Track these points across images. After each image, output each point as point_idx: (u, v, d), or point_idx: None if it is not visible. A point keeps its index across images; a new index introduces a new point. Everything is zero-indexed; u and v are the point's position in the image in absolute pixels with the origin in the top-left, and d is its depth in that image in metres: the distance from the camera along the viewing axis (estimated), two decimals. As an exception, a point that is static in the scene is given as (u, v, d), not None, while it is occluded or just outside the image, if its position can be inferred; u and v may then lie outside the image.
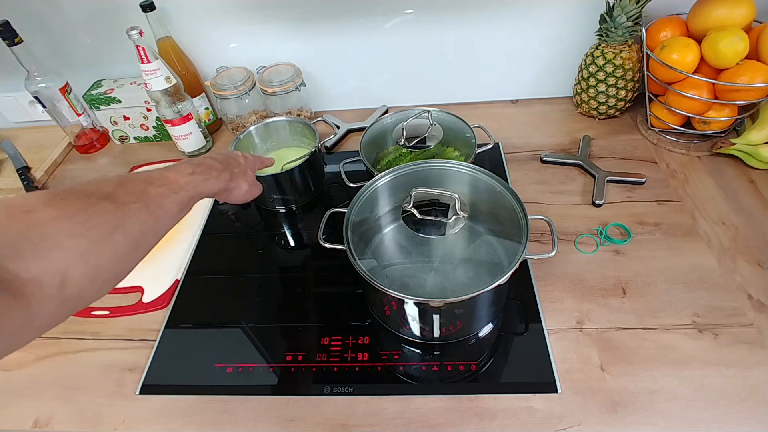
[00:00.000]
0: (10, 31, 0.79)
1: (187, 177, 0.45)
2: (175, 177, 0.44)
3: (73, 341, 0.65)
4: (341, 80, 0.96)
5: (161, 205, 0.40)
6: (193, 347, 0.62)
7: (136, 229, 0.37)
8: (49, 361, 0.63)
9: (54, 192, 0.33)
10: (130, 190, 0.38)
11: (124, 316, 0.67)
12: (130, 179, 0.40)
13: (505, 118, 0.93)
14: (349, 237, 0.55)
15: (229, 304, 0.67)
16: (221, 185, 0.51)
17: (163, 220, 0.41)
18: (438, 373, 0.56)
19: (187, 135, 0.89)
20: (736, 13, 0.70)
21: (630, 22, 0.75)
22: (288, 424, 0.53)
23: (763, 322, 0.57)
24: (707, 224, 0.68)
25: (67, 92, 0.90)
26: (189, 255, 0.74)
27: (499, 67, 0.92)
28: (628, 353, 0.55)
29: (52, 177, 0.94)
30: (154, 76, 0.80)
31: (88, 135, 0.98)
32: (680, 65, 0.72)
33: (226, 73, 0.91)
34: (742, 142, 0.74)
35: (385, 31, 0.87)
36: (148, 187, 0.40)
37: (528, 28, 0.86)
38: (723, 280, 0.61)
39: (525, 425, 0.51)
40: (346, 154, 0.89)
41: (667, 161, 0.79)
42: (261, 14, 0.86)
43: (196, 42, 0.91)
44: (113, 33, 0.86)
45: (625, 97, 0.84)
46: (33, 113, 1.01)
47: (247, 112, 0.94)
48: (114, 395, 0.58)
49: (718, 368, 0.53)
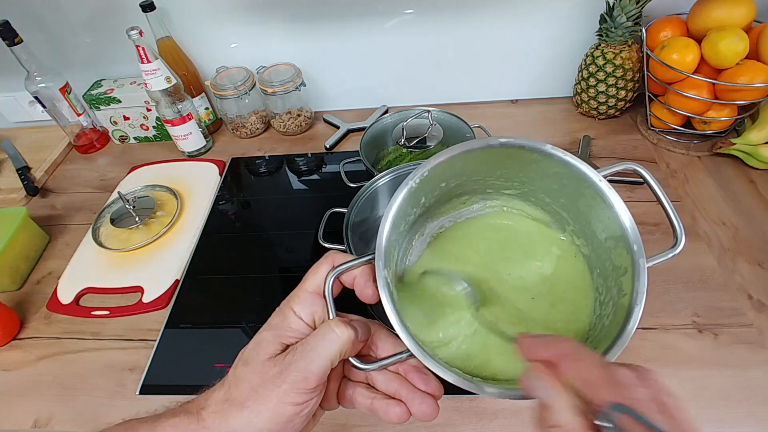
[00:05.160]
0: (10, 31, 0.79)
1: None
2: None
3: (73, 341, 0.65)
4: (341, 80, 0.96)
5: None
6: (193, 347, 0.62)
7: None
8: (49, 361, 0.63)
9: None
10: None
11: (124, 316, 0.67)
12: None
13: (505, 118, 0.93)
14: (349, 237, 0.55)
15: (229, 304, 0.67)
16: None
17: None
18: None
19: (187, 135, 0.89)
20: (736, 13, 0.70)
21: (630, 22, 0.75)
22: (288, 424, 0.53)
23: (763, 322, 0.57)
24: (707, 224, 0.68)
25: (67, 92, 0.90)
26: (189, 255, 0.74)
27: (499, 67, 0.92)
28: (627, 353, 0.54)
29: (52, 177, 0.94)
30: (154, 76, 0.80)
31: (88, 135, 0.98)
32: (680, 65, 0.72)
33: (226, 73, 0.91)
34: (742, 142, 0.74)
35: (385, 31, 0.87)
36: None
37: (528, 28, 0.86)
38: (723, 280, 0.61)
39: (525, 425, 0.51)
40: (346, 154, 0.89)
41: (667, 161, 0.79)
42: (261, 14, 0.86)
43: (196, 42, 0.91)
44: (113, 33, 0.86)
45: (625, 97, 0.84)
46: (33, 113, 1.01)
47: (247, 112, 0.94)
48: (114, 395, 0.58)
49: (718, 368, 0.53)
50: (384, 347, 0.33)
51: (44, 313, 0.69)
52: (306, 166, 0.89)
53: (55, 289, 0.71)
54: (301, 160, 0.90)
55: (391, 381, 0.32)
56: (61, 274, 0.73)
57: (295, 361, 0.29)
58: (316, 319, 0.32)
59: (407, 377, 0.32)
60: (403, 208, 0.34)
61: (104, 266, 0.73)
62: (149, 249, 0.74)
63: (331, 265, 0.32)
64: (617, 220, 0.31)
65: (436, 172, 0.33)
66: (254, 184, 0.88)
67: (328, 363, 0.29)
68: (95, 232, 0.76)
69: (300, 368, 0.29)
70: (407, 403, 0.31)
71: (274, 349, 0.30)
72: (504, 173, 0.37)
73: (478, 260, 0.38)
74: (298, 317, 0.31)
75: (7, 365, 0.63)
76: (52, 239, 0.80)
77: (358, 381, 0.34)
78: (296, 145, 0.94)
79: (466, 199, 0.40)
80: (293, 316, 0.31)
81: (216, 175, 0.88)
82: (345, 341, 0.30)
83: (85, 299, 0.70)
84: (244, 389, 0.30)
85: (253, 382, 0.30)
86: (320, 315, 0.32)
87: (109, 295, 0.70)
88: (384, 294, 0.30)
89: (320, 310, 0.32)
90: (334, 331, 0.30)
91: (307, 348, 0.30)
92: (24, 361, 0.63)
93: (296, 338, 0.31)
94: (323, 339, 0.30)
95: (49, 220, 0.84)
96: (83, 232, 0.78)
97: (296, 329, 0.31)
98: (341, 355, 0.30)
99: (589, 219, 0.34)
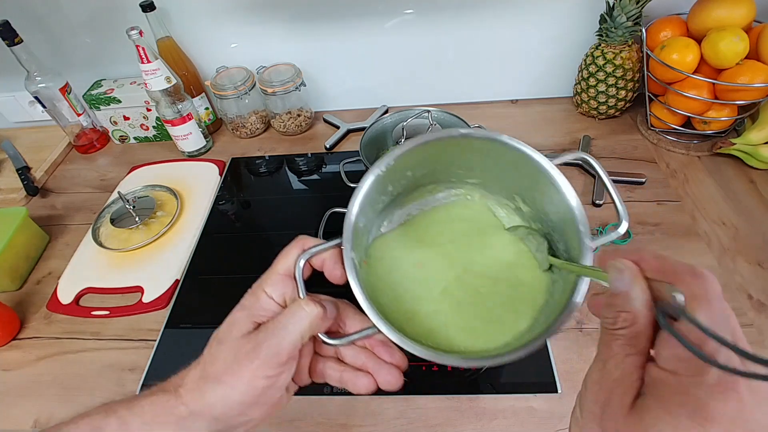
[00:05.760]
0: (10, 31, 0.79)
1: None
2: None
3: (73, 341, 0.65)
4: (341, 80, 0.96)
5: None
6: (193, 347, 0.61)
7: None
8: (49, 361, 0.63)
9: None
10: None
11: (124, 316, 0.67)
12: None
13: (505, 118, 0.93)
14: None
15: (229, 304, 0.67)
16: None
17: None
18: (438, 373, 0.56)
19: (187, 135, 0.89)
20: (736, 13, 0.70)
21: (630, 22, 0.75)
22: (288, 424, 0.53)
23: (763, 322, 0.57)
24: (707, 224, 0.68)
25: (67, 92, 0.91)
26: (189, 255, 0.74)
27: (499, 67, 0.92)
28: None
29: (52, 177, 0.94)
30: (154, 76, 0.80)
31: (88, 135, 0.98)
32: (680, 65, 0.72)
33: (226, 73, 0.91)
34: (742, 142, 0.74)
35: (385, 31, 0.87)
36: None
37: (528, 28, 0.86)
38: (723, 280, 0.61)
39: (525, 425, 0.51)
40: (346, 154, 0.89)
41: (667, 161, 0.79)
42: (261, 14, 0.86)
43: (196, 42, 0.91)
44: (113, 33, 0.86)
45: (625, 97, 0.84)
46: (33, 113, 1.01)
47: (247, 112, 0.94)
48: (114, 395, 0.57)
49: (718, 368, 0.53)
50: (352, 324, 0.35)
51: (44, 313, 0.69)
52: (306, 166, 0.89)
53: (55, 289, 0.71)
54: (301, 160, 0.90)
55: (359, 354, 0.35)
56: (61, 274, 0.73)
57: (267, 337, 0.31)
58: (287, 299, 0.33)
59: (374, 351, 0.35)
60: (371, 195, 0.36)
61: (104, 266, 0.73)
62: (149, 249, 0.74)
63: (301, 249, 0.34)
64: (566, 204, 0.34)
65: (402, 160, 0.35)
66: (254, 184, 0.88)
67: (298, 338, 0.31)
68: (95, 232, 0.76)
69: (272, 344, 0.30)
70: (374, 374, 0.34)
71: (247, 327, 0.32)
72: (466, 163, 0.39)
73: (442, 245, 0.40)
74: (269, 297, 0.33)
75: (7, 365, 0.63)
76: (52, 239, 0.80)
77: (328, 356, 0.36)
78: (296, 145, 0.94)
79: (432, 188, 0.43)
80: (265, 297, 0.33)
81: (216, 175, 0.88)
82: (314, 318, 0.32)
83: (85, 299, 0.70)
84: (219, 366, 0.31)
85: (227, 359, 0.31)
86: (291, 295, 0.33)
87: (109, 295, 0.70)
88: (351, 275, 0.32)
89: (290, 290, 0.33)
90: (304, 309, 0.32)
91: (278, 325, 0.31)
92: (24, 361, 0.63)
93: (268, 317, 0.32)
94: (293, 316, 0.31)
95: (49, 220, 0.84)
96: (83, 232, 0.78)
97: (268, 309, 0.33)
98: (311, 331, 0.32)
99: (543, 204, 0.37)
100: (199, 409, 0.31)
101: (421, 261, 0.40)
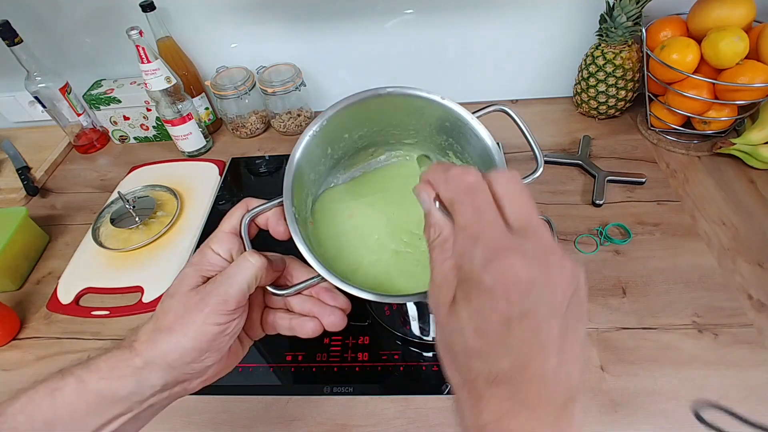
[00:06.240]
0: (10, 31, 0.79)
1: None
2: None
3: (73, 341, 0.65)
4: (341, 80, 0.96)
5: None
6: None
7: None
8: (49, 361, 0.63)
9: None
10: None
11: (124, 316, 0.67)
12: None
13: (505, 118, 0.92)
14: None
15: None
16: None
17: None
18: (438, 373, 0.56)
19: (187, 135, 0.89)
20: (736, 13, 0.70)
21: (630, 22, 0.75)
22: (288, 424, 0.53)
23: (763, 322, 0.57)
24: (707, 224, 0.68)
25: (67, 92, 0.90)
26: (189, 255, 0.74)
27: (499, 67, 0.92)
28: (628, 353, 0.55)
29: (52, 177, 0.94)
30: (154, 76, 0.80)
31: (88, 135, 0.98)
32: (680, 65, 0.72)
33: (226, 73, 0.91)
34: (742, 142, 0.74)
35: (385, 31, 0.87)
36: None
37: (528, 28, 0.86)
38: (723, 280, 0.61)
39: (525, 425, 0.51)
40: (346, 154, 0.89)
41: (667, 161, 0.79)
42: (261, 14, 0.86)
43: (196, 42, 0.91)
44: (113, 33, 0.86)
45: (625, 97, 0.84)
46: (33, 113, 1.01)
47: (247, 112, 0.94)
48: (114, 395, 0.58)
49: (718, 368, 0.53)
50: (298, 276, 0.38)
51: (44, 313, 0.69)
52: (306, 166, 0.89)
53: (55, 289, 0.70)
54: (301, 160, 0.90)
55: (305, 302, 0.38)
56: (61, 274, 0.73)
57: (215, 287, 0.33)
58: (234, 255, 0.35)
59: (319, 298, 0.38)
60: (310, 155, 0.38)
61: (104, 266, 0.73)
62: (149, 249, 0.74)
63: (246, 209, 0.37)
64: (485, 146, 0.38)
65: (335, 120, 0.38)
66: (254, 184, 0.88)
67: (245, 286, 0.33)
68: (95, 232, 0.76)
69: (220, 293, 0.32)
70: (319, 318, 0.37)
71: (196, 281, 0.34)
72: (399, 122, 0.42)
73: (371, 195, 0.44)
74: (216, 254, 0.35)
75: (7, 365, 0.63)
76: (52, 239, 0.80)
77: (278, 308, 0.39)
78: (296, 145, 0.93)
79: (372, 150, 0.46)
80: (212, 253, 0.35)
81: (216, 175, 0.88)
82: (259, 267, 0.34)
83: (85, 299, 0.70)
84: (170, 317, 0.32)
85: (178, 310, 0.32)
86: (237, 251, 0.36)
87: (109, 295, 0.70)
88: (293, 228, 0.35)
89: (237, 247, 0.36)
90: (249, 260, 0.34)
91: (225, 276, 0.33)
92: (24, 361, 0.63)
93: (215, 271, 0.34)
94: (239, 267, 0.34)
95: (49, 220, 0.84)
96: (83, 232, 0.78)
97: (215, 263, 0.35)
98: (257, 281, 0.34)
99: (470, 154, 0.41)
100: (153, 358, 0.32)
101: (351, 213, 0.43)
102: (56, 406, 0.31)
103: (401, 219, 0.42)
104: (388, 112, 0.40)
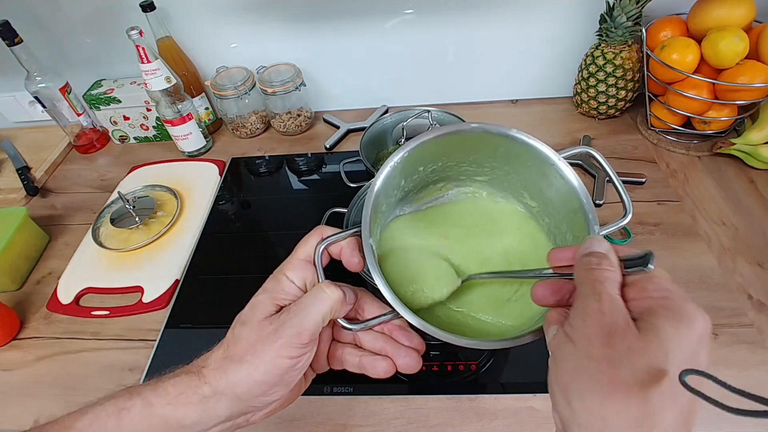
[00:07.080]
0: (10, 31, 0.79)
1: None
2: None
3: (73, 341, 0.65)
4: (341, 80, 0.96)
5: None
6: (193, 347, 0.61)
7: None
8: (49, 361, 0.63)
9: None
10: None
11: (124, 316, 0.67)
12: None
13: (505, 118, 0.93)
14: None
15: (229, 304, 0.66)
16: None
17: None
18: (438, 373, 0.56)
19: (187, 135, 0.89)
20: (736, 13, 0.70)
21: (630, 22, 0.75)
22: (288, 424, 0.53)
23: (763, 322, 0.57)
24: (707, 224, 0.68)
25: (67, 92, 0.90)
26: (189, 255, 0.74)
27: (499, 67, 0.92)
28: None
29: (52, 177, 0.94)
30: (154, 76, 0.80)
31: (88, 135, 0.98)
32: (680, 65, 0.72)
33: (226, 73, 0.91)
34: (742, 142, 0.74)
35: (385, 31, 0.87)
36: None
37: (528, 28, 0.86)
38: (723, 280, 0.61)
39: (525, 425, 0.51)
40: (346, 154, 0.89)
41: (667, 161, 0.79)
42: (261, 14, 0.86)
43: (196, 42, 0.91)
44: (113, 33, 0.86)
45: (625, 97, 0.84)
46: (33, 113, 1.01)
47: (247, 112, 0.94)
48: (114, 395, 0.58)
49: (718, 368, 0.53)
50: (370, 311, 0.36)
51: (44, 313, 0.69)
52: (306, 166, 0.89)
53: (55, 289, 0.70)
54: (301, 160, 0.90)
55: (377, 340, 0.36)
56: (61, 274, 0.73)
57: (289, 318, 0.31)
58: (307, 284, 0.34)
59: (392, 336, 0.36)
60: (386, 188, 0.36)
61: (104, 266, 0.73)
62: (149, 249, 0.74)
63: (320, 237, 0.35)
64: (575, 195, 0.36)
65: (415, 154, 0.36)
66: (254, 184, 0.88)
67: (320, 319, 0.32)
68: (95, 232, 0.76)
69: (294, 324, 0.31)
70: (392, 358, 0.35)
71: (269, 309, 0.33)
72: (476, 158, 0.40)
73: (454, 235, 0.42)
74: (290, 281, 0.34)
75: (7, 365, 0.63)
76: (52, 239, 0.80)
77: (347, 342, 0.37)
78: (296, 145, 0.94)
79: (441, 185, 0.44)
80: (286, 281, 0.34)
81: (216, 175, 0.88)
82: (335, 300, 0.33)
83: (85, 299, 0.70)
84: (242, 346, 0.31)
85: (250, 339, 0.31)
86: (311, 280, 0.34)
87: (109, 295, 0.70)
88: (370, 260, 0.33)
89: (310, 275, 0.34)
90: (325, 291, 0.33)
91: (300, 307, 0.32)
92: (24, 361, 0.63)
93: (289, 300, 0.33)
94: (315, 298, 0.32)
95: (49, 220, 0.84)
96: (83, 232, 0.78)
97: (289, 292, 0.33)
98: (331, 314, 0.33)
99: (550, 196, 0.39)
100: (222, 387, 0.31)
101: (430, 243, 0.41)
102: (122, 426, 0.30)
103: (473, 256, 0.41)
104: (467, 147, 0.39)
